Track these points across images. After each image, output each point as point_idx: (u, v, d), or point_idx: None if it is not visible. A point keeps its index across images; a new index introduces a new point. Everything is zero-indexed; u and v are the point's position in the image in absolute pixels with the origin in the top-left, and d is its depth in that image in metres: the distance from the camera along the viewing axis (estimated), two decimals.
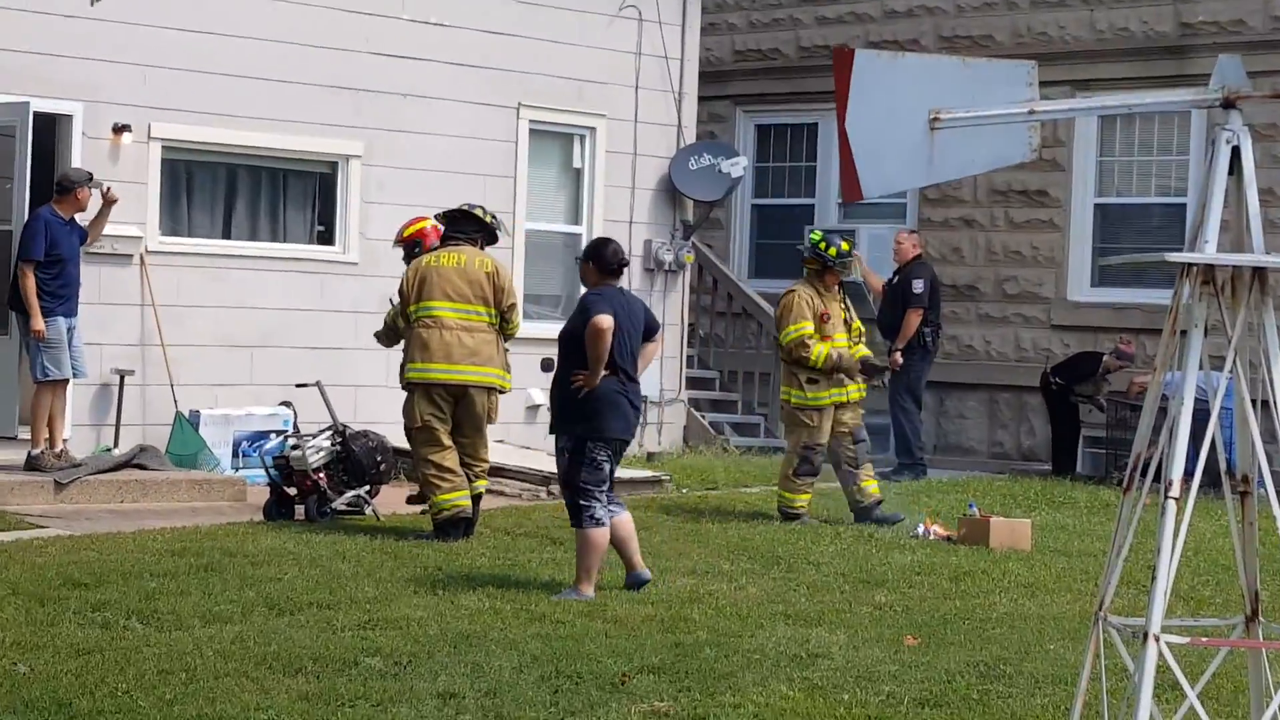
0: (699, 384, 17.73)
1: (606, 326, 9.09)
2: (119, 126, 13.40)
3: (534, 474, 13.66)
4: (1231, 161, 5.00)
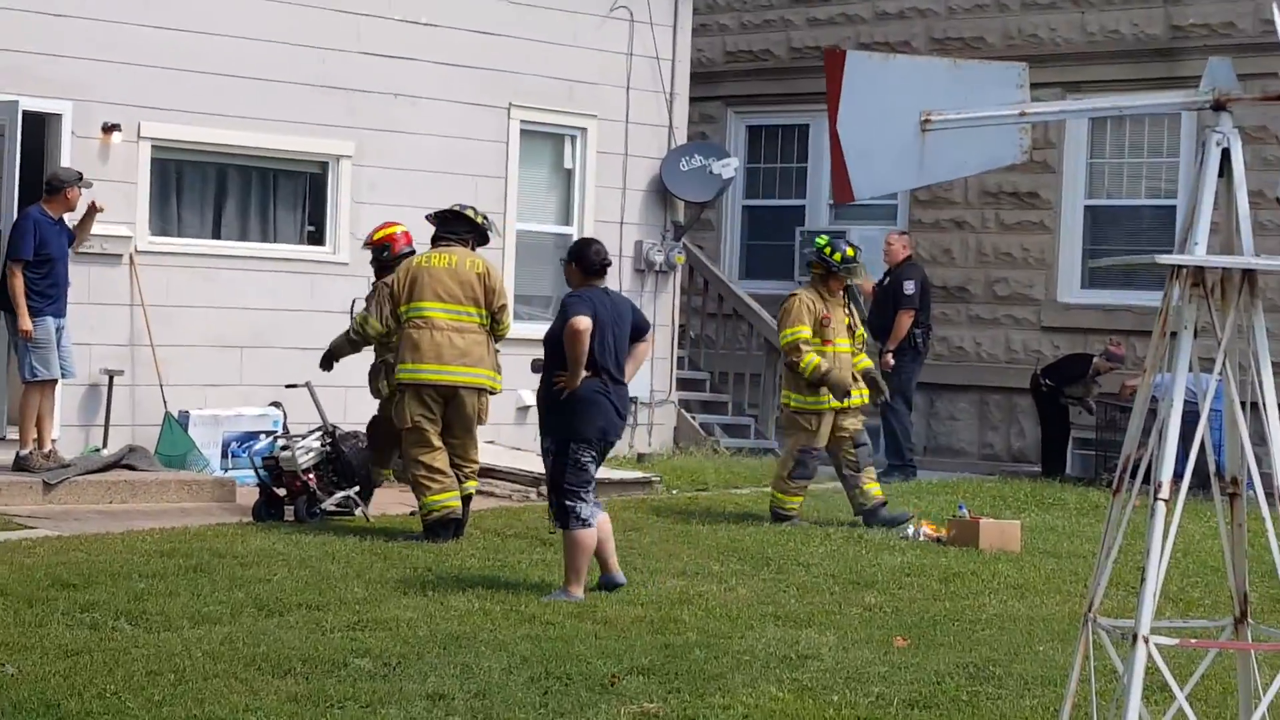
0: (689, 385, 17.72)
1: (583, 328, 9.07)
2: (108, 126, 13.38)
3: (524, 475, 13.65)
4: (1221, 164, 5.01)
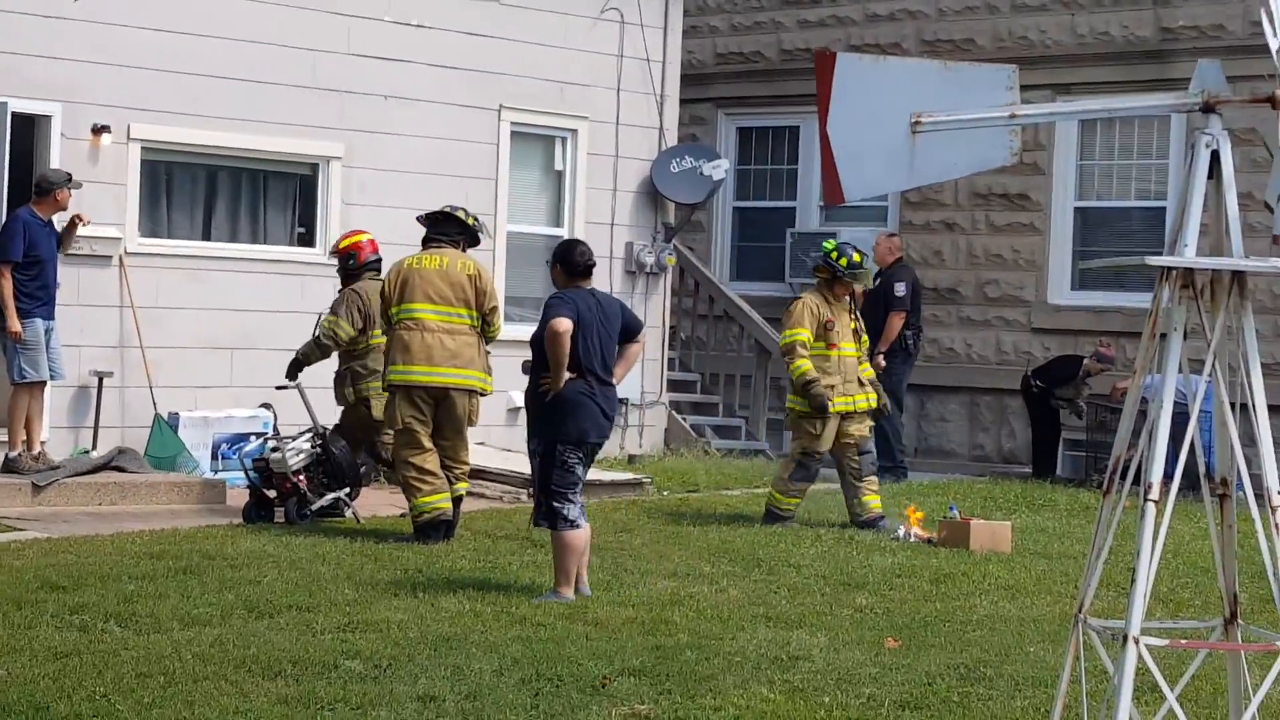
0: (680, 386, 17.72)
1: (562, 330, 9.05)
2: (98, 127, 13.36)
3: (514, 476, 13.65)
4: (1211, 165, 5.01)
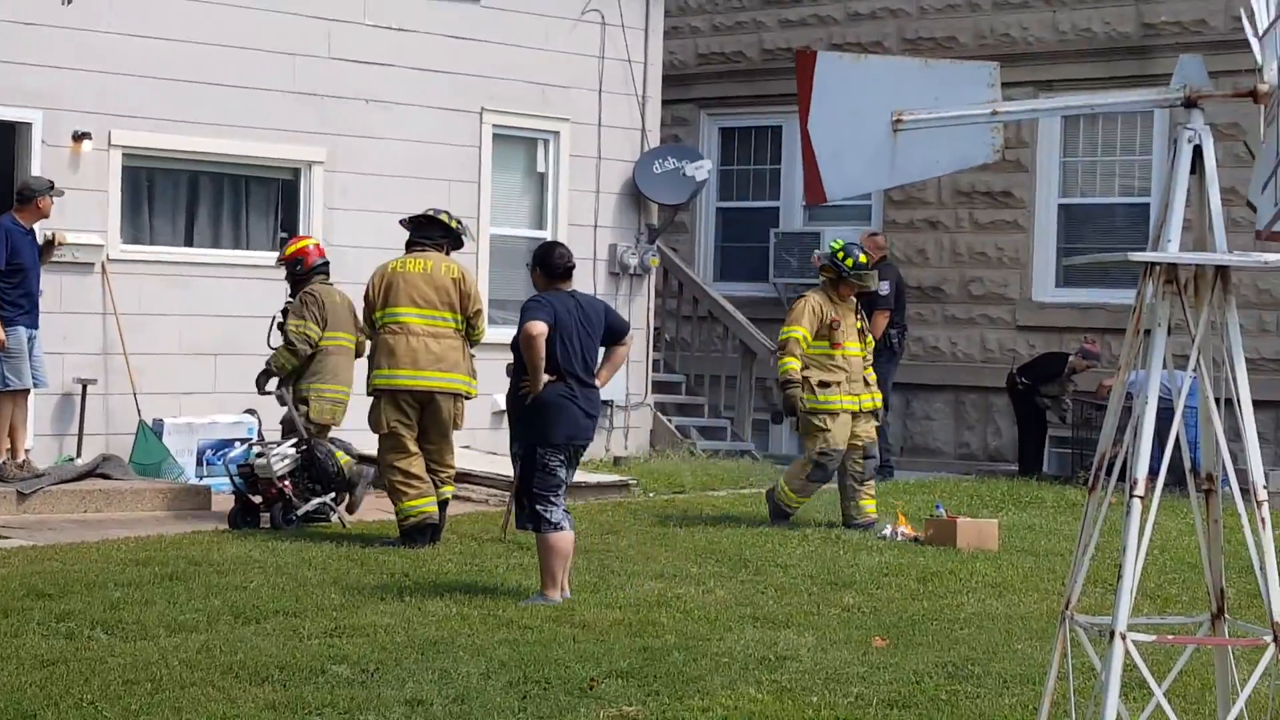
0: (665, 388, 17.72)
1: (536, 334, 9.03)
2: (79, 134, 13.32)
3: (500, 479, 13.63)
4: (1194, 161, 5.01)
